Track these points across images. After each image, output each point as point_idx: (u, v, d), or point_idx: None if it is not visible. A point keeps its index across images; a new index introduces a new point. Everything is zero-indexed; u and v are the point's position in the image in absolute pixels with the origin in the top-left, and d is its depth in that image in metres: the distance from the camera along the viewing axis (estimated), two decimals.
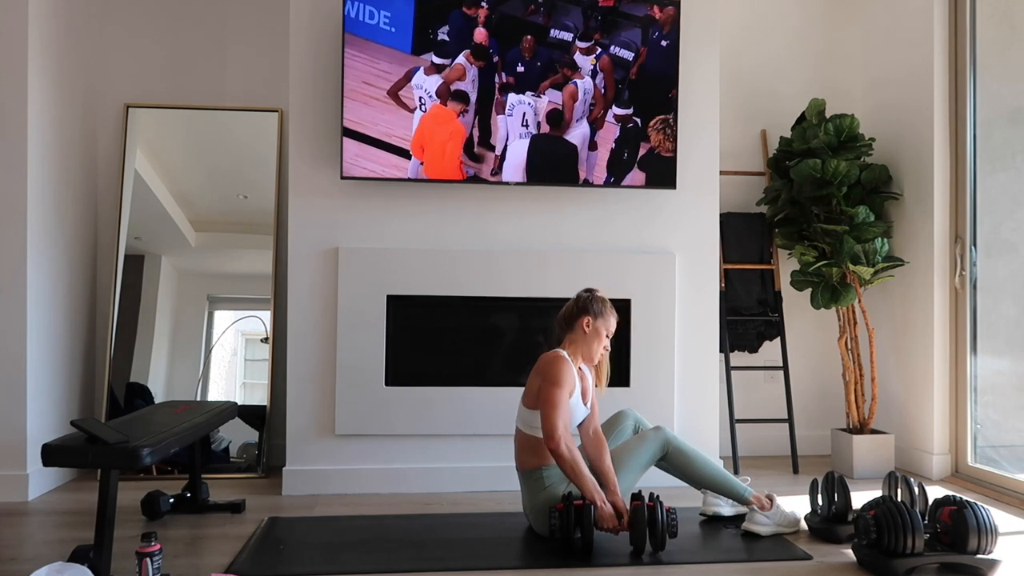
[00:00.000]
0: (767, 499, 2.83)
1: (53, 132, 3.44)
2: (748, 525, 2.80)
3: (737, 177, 4.19)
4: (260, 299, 3.83)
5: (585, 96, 3.40)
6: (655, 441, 2.82)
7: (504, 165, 3.38)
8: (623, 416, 3.07)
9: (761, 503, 2.81)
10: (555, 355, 2.76)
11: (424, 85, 3.34)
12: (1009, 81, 3.50)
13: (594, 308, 2.81)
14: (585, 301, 2.83)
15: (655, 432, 2.85)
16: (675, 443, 2.83)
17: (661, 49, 3.43)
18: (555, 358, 2.74)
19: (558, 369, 2.69)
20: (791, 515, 2.83)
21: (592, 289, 2.89)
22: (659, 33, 3.43)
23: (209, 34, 3.92)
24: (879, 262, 3.66)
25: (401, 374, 3.44)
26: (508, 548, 2.64)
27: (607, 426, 3.02)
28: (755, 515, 2.79)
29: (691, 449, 2.85)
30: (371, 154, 3.31)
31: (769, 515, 2.78)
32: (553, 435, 2.60)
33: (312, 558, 2.53)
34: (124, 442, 2.31)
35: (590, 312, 2.81)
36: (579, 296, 2.87)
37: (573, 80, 3.39)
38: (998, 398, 3.56)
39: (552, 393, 2.64)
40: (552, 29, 3.39)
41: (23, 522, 2.93)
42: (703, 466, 2.84)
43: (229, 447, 3.70)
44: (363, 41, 3.30)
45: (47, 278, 3.39)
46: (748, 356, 4.18)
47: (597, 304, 2.83)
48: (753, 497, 2.82)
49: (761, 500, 2.82)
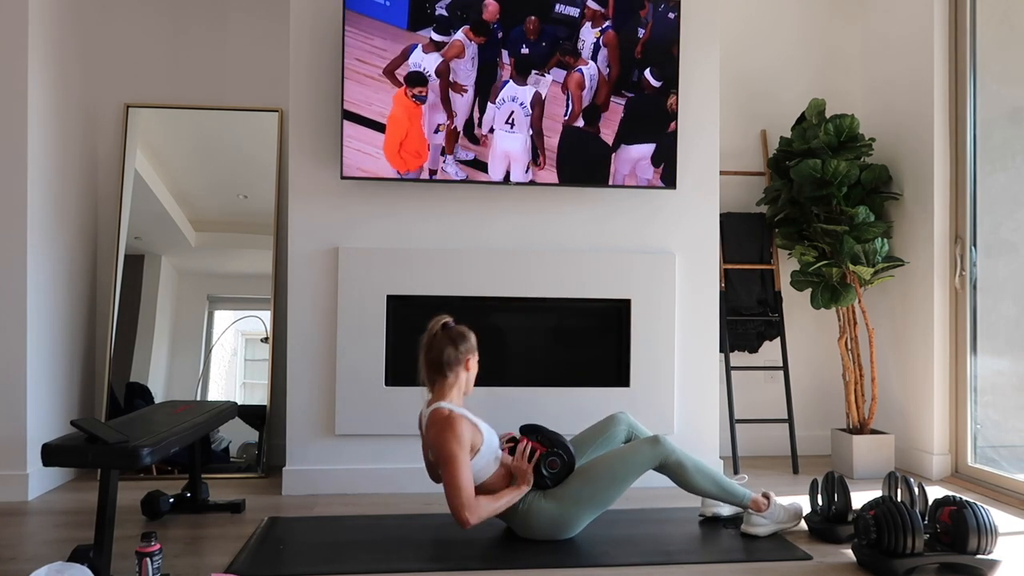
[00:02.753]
0: (764, 499, 2.78)
1: (53, 132, 3.44)
2: (746, 528, 2.78)
3: (737, 177, 4.19)
4: (260, 299, 3.83)
5: (591, 83, 3.37)
6: (651, 456, 2.66)
7: (490, 154, 3.34)
8: (615, 421, 2.95)
9: (758, 505, 2.76)
10: (443, 416, 2.55)
11: (423, 64, 3.26)
12: (1009, 81, 3.50)
13: (470, 341, 2.68)
14: (459, 337, 2.65)
15: (652, 446, 2.68)
16: (673, 457, 2.67)
17: (668, 22, 3.38)
18: (443, 421, 2.54)
19: (451, 436, 2.49)
20: (791, 508, 2.81)
21: (444, 320, 2.71)
22: (664, 5, 3.40)
23: (209, 34, 3.92)
24: (879, 262, 3.66)
25: (401, 374, 3.44)
26: (508, 548, 2.63)
27: (596, 430, 2.94)
28: (751, 516, 2.77)
29: (690, 461, 2.69)
30: (365, 135, 3.28)
31: (766, 515, 2.76)
32: (460, 513, 2.48)
33: (312, 558, 2.53)
34: (124, 442, 2.31)
35: (471, 349, 2.67)
36: (447, 335, 2.65)
37: (578, 68, 3.35)
38: (998, 398, 3.56)
39: (449, 467, 2.48)
40: (557, 4, 3.32)
41: (23, 522, 2.93)
42: (702, 479, 2.70)
43: (229, 447, 3.70)
44: (361, 17, 3.25)
45: (47, 278, 3.39)
46: (748, 356, 4.18)
47: (469, 340, 2.68)
48: (752, 501, 2.76)
49: (758, 502, 2.77)
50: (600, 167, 3.40)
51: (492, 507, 2.56)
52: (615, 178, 3.41)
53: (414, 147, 3.28)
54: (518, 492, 2.62)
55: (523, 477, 2.63)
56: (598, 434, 2.93)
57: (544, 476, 2.66)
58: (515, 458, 2.66)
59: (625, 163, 3.40)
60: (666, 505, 3.14)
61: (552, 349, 3.61)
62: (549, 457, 2.66)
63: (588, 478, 2.67)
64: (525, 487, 2.63)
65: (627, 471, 2.67)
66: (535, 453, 2.66)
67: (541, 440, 2.69)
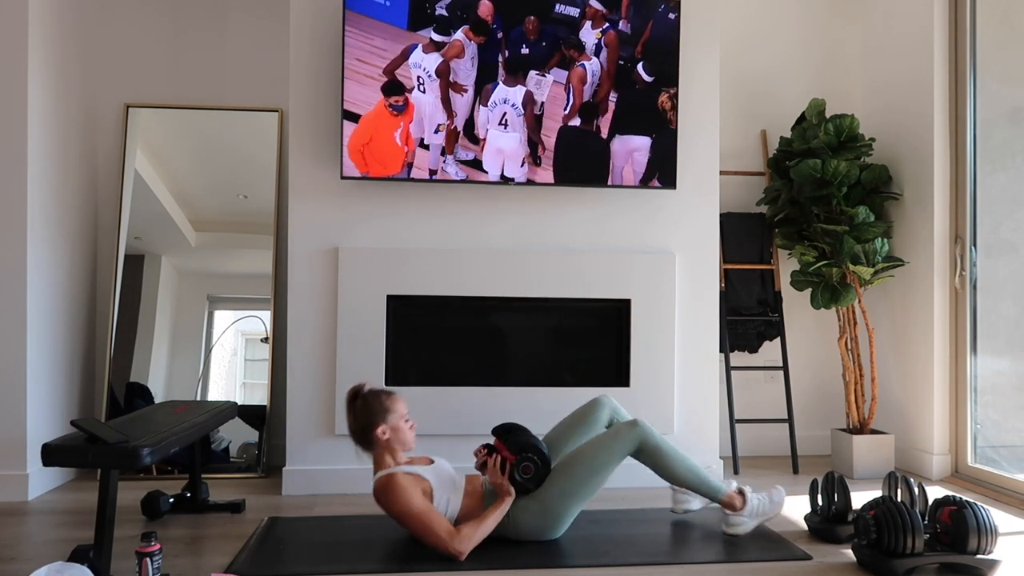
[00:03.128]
0: (739, 496, 2.73)
1: (53, 132, 3.44)
2: (727, 529, 2.75)
3: (737, 177, 4.19)
4: (260, 299, 3.83)
5: (593, 79, 3.37)
6: (629, 439, 2.65)
7: (484, 153, 3.33)
8: (598, 405, 2.92)
9: (734, 504, 2.72)
10: (382, 483, 2.53)
11: (423, 63, 3.25)
12: (1009, 81, 3.50)
13: (391, 408, 2.61)
14: (365, 409, 2.60)
15: (630, 429, 2.67)
16: (651, 440, 2.66)
17: (668, 22, 3.38)
18: (384, 487, 2.52)
19: (395, 497, 2.49)
20: (771, 500, 2.76)
21: (357, 388, 2.65)
22: (664, 6, 3.40)
23: (209, 34, 3.92)
24: (879, 262, 3.66)
25: (401, 374, 3.44)
26: (508, 548, 2.63)
27: (579, 415, 2.92)
28: (729, 517, 2.74)
29: (668, 446, 2.68)
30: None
31: (744, 513, 2.72)
32: (448, 550, 2.45)
33: (312, 558, 2.52)
34: (124, 442, 2.31)
35: (379, 420, 2.58)
36: (355, 405, 2.62)
37: (581, 63, 3.34)
38: (998, 398, 3.56)
39: (414, 521, 2.48)
40: (557, 4, 3.31)
41: (23, 522, 2.93)
42: (679, 464, 2.68)
43: (229, 447, 3.70)
44: (361, 17, 3.25)
45: (47, 278, 3.39)
46: (748, 356, 4.18)
47: (377, 403, 2.60)
48: (727, 497, 2.71)
49: (733, 499, 2.72)
50: (598, 164, 3.40)
51: (480, 530, 2.51)
52: (613, 173, 3.40)
53: (380, 154, 3.26)
54: (503, 507, 2.57)
55: (502, 491, 2.60)
56: (580, 419, 2.89)
57: (521, 483, 2.62)
58: (489, 476, 2.62)
59: (621, 156, 3.39)
60: (666, 505, 3.14)
61: (552, 349, 3.61)
62: (522, 463, 2.61)
63: (569, 472, 2.64)
64: (508, 499, 2.58)
65: (607, 458, 2.63)
66: (506, 464, 2.62)
67: (510, 447, 2.63)
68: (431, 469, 2.63)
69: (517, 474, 2.61)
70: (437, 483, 2.59)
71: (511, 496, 2.59)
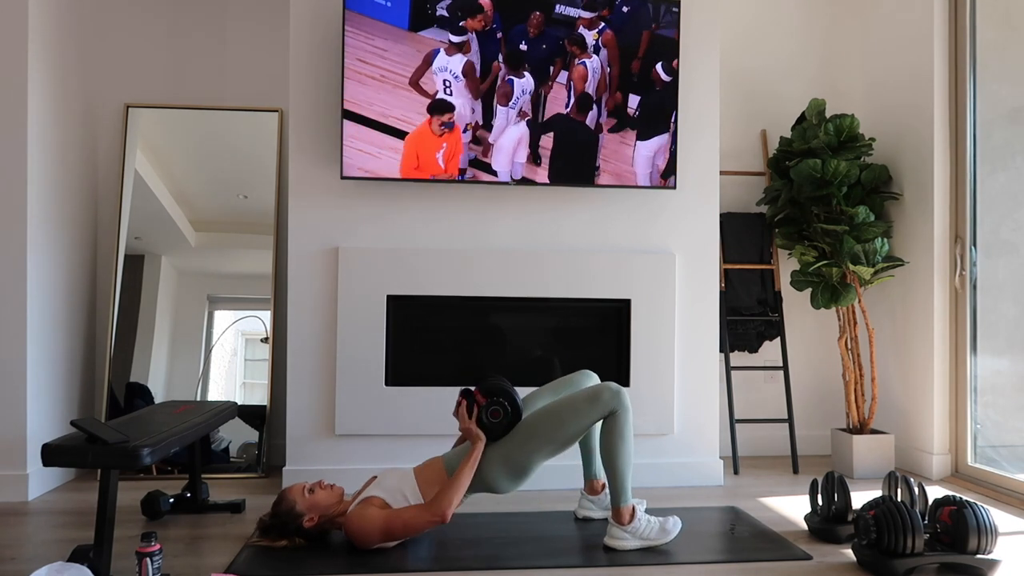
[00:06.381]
0: (628, 512, 2.60)
1: (53, 132, 3.44)
2: (606, 539, 2.62)
3: (737, 177, 4.19)
4: (260, 299, 3.83)
5: (594, 76, 3.37)
6: (608, 398, 2.56)
7: (495, 151, 3.33)
8: (583, 375, 2.89)
9: (620, 517, 2.59)
10: (348, 531, 2.53)
11: (448, 67, 3.25)
12: (1009, 81, 3.50)
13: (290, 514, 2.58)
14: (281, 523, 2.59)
15: (611, 390, 2.57)
16: (624, 414, 2.56)
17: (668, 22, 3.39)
18: (353, 533, 2.52)
19: (363, 531, 2.50)
20: (662, 528, 2.62)
21: (262, 518, 2.67)
22: (664, 5, 3.41)
23: (209, 34, 3.92)
24: (879, 262, 3.66)
25: (401, 374, 3.44)
26: (508, 548, 2.63)
27: (563, 380, 2.89)
28: (613, 529, 2.61)
29: (630, 431, 2.57)
30: (366, 135, 3.27)
31: (628, 529, 2.59)
32: (432, 520, 2.48)
33: (312, 558, 2.52)
34: (124, 442, 2.31)
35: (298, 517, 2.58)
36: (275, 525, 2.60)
37: (582, 60, 3.34)
38: (998, 398, 3.56)
39: (391, 529, 2.50)
40: (558, 4, 3.31)
41: (23, 522, 2.93)
42: (624, 452, 2.56)
43: (229, 447, 3.70)
44: (361, 17, 3.25)
45: (47, 278, 3.39)
46: (748, 356, 4.18)
47: (283, 511, 2.59)
48: (621, 508, 2.59)
49: (621, 514, 2.59)
50: (588, 157, 3.39)
51: (455, 487, 2.51)
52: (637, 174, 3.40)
53: (428, 167, 3.31)
54: (475, 455, 2.55)
55: (472, 437, 2.59)
56: (562, 384, 2.87)
57: (488, 426, 2.60)
58: (459, 422, 2.63)
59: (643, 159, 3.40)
60: (666, 505, 3.14)
61: (552, 349, 3.61)
62: (491, 407, 2.60)
63: (541, 416, 2.61)
64: (480, 444, 2.57)
65: (579, 417, 2.57)
66: (475, 408, 2.61)
67: (483, 392, 2.62)
68: (374, 485, 2.64)
69: (485, 417, 2.60)
70: (385, 491, 2.59)
71: (482, 441, 2.58)
